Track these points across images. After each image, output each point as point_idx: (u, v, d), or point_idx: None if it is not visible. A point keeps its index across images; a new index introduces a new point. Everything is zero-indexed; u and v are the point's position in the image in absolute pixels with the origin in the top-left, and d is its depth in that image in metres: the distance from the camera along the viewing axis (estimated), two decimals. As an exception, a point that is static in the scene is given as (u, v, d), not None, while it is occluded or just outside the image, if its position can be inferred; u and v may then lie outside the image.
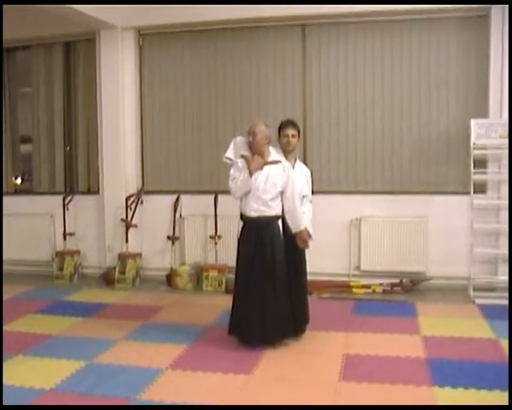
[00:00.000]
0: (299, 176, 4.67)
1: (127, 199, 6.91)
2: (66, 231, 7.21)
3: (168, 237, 6.97)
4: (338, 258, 6.55)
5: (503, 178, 5.99)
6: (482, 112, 6.15)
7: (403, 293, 6.16)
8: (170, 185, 7.12)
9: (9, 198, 7.58)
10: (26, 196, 7.65)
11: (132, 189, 7.09)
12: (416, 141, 6.45)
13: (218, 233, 6.71)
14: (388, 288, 6.24)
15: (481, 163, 6.10)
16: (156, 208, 7.06)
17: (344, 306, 5.74)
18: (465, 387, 3.69)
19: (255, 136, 4.41)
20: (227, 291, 6.16)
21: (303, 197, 4.67)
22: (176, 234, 6.95)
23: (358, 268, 6.53)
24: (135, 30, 6.97)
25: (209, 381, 3.91)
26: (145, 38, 7.08)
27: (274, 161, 4.45)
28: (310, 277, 4.98)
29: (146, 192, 7.14)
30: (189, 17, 6.63)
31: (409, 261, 6.34)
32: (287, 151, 4.68)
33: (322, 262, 6.25)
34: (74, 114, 7.44)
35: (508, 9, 5.81)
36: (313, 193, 4.85)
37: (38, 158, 7.58)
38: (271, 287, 4.41)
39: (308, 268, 4.82)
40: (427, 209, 6.35)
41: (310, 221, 4.69)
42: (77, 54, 7.35)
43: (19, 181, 8.02)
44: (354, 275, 6.53)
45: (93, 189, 7.35)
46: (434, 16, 6.26)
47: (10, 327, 5.08)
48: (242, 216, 4.54)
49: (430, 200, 6.37)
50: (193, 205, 6.94)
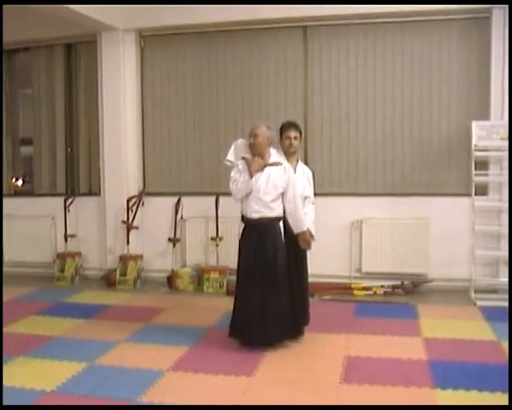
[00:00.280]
0: (300, 177, 4.68)
1: (128, 201, 6.92)
2: (67, 233, 7.22)
3: (169, 239, 6.97)
4: (339, 260, 6.54)
5: (505, 180, 5.98)
6: (483, 114, 6.15)
7: (404, 295, 6.16)
8: (171, 187, 7.12)
9: (11, 200, 7.59)
10: (28, 198, 7.65)
11: (133, 190, 7.09)
12: (418, 142, 6.45)
13: (219, 235, 6.71)
14: (389, 290, 6.23)
15: (483, 165, 6.10)
16: (157, 210, 7.06)
17: (345, 308, 5.74)
18: (466, 389, 3.68)
19: (256, 137, 4.41)
20: (228, 293, 6.16)
21: (305, 198, 4.67)
22: (177, 236, 6.95)
23: (360, 270, 6.52)
24: (136, 32, 6.98)
25: (210, 383, 3.90)
26: (146, 40, 7.08)
27: (274, 163, 4.45)
28: (311, 278, 4.98)
29: (147, 194, 7.15)
30: (191, 19, 6.65)
31: (410, 263, 6.33)
32: (289, 153, 4.69)
33: (323, 264, 6.25)
34: (75, 116, 7.45)
35: (508, 10, 5.81)
36: (315, 195, 4.86)
37: (40, 160, 7.59)
38: (272, 289, 4.40)
39: (309, 270, 4.82)
40: (428, 211, 6.34)
41: (312, 222, 4.70)
42: (78, 56, 7.36)
43: (20, 183, 8.03)
44: (355, 277, 6.52)
45: (94, 190, 7.35)
46: (436, 18, 6.26)
47: (11, 329, 5.08)
48: (243, 218, 4.54)
49: (431, 202, 6.36)
50: (194, 207, 6.94)
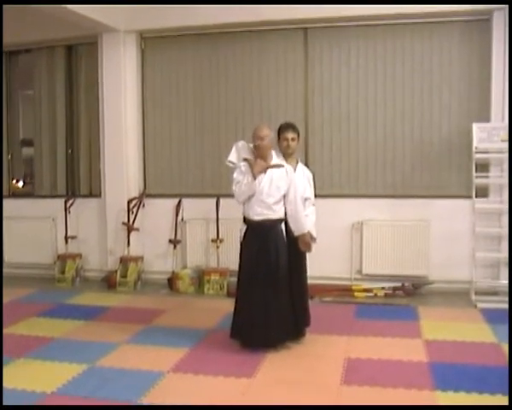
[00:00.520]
0: (301, 178, 4.67)
1: (129, 202, 6.92)
2: (67, 235, 7.22)
3: (170, 241, 6.97)
4: (340, 262, 6.54)
5: (505, 182, 5.97)
6: (484, 115, 6.15)
7: (405, 297, 6.15)
8: (172, 189, 7.12)
9: (11, 201, 7.59)
10: (28, 200, 7.66)
11: (134, 192, 7.09)
12: (418, 144, 6.45)
13: (220, 237, 6.71)
14: (390, 292, 6.23)
15: (483, 167, 6.10)
16: (158, 212, 7.06)
17: (346, 309, 5.73)
18: (467, 391, 3.68)
19: (263, 140, 4.39)
20: (229, 295, 6.16)
21: (305, 200, 4.67)
22: (177, 237, 6.95)
23: (360, 272, 6.52)
24: (137, 33, 6.98)
25: (211, 384, 3.90)
26: (147, 42, 7.09)
27: (276, 165, 4.45)
28: (312, 280, 4.99)
29: (148, 195, 7.15)
30: (191, 20, 6.65)
31: (411, 265, 6.33)
32: (286, 154, 4.68)
33: (324, 266, 6.25)
34: (76, 117, 7.45)
35: (508, 11, 5.82)
36: (315, 196, 4.85)
37: (40, 161, 7.59)
38: (274, 290, 4.40)
39: (310, 272, 4.82)
40: (428, 213, 6.34)
41: (313, 224, 4.69)
42: (79, 57, 7.37)
43: (20, 184, 8.03)
44: (356, 279, 6.52)
45: (95, 192, 7.35)
46: (436, 20, 6.26)
47: (12, 330, 5.08)
48: (245, 220, 4.54)
49: (432, 204, 6.36)
50: (195, 208, 6.94)
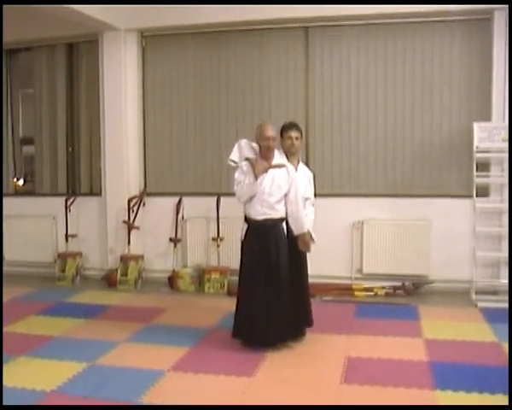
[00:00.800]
0: (301, 178, 4.67)
1: (129, 201, 6.92)
2: (68, 233, 7.22)
3: (170, 239, 6.97)
4: (340, 261, 6.54)
5: (506, 181, 5.96)
6: (485, 115, 6.14)
7: (405, 296, 6.15)
8: (172, 187, 7.12)
9: (12, 199, 7.60)
10: (29, 198, 7.66)
11: (134, 191, 7.09)
12: (419, 144, 6.45)
13: (221, 235, 6.71)
14: (390, 291, 6.23)
15: (484, 166, 6.10)
16: (158, 210, 7.06)
17: (346, 308, 5.74)
18: (467, 390, 3.68)
19: (270, 141, 4.39)
20: (229, 293, 6.16)
21: (305, 200, 4.67)
22: (178, 236, 6.95)
23: (361, 271, 6.52)
24: (138, 32, 6.98)
25: (211, 383, 3.90)
26: (148, 40, 7.08)
27: (278, 165, 4.45)
28: (312, 279, 4.98)
29: (148, 194, 7.15)
30: (192, 19, 6.64)
31: (411, 264, 6.33)
32: (290, 153, 4.67)
33: (324, 265, 6.25)
34: (77, 116, 7.45)
35: (508, 11, 5.81)
36: (315, 196, 4.85)
37: (41, 159, 7.59)
38: (275, 289, 4.40)
39: (310, 271, 4.82)
40: (429, 212, 6.33)
41: (311, 224, 4.68)
42: (80, 55, 7.36)
43: (21, 182, 8.03)
44: (356, 278, 6.52)
45: (95, 190, 7.35)
46: (437, 19, 6.25)
47: (12, 328, 5.08)
48: (247, 219, 4.53)
49: (432, 203, 6.35)
50: (195, 207, 6.94)
